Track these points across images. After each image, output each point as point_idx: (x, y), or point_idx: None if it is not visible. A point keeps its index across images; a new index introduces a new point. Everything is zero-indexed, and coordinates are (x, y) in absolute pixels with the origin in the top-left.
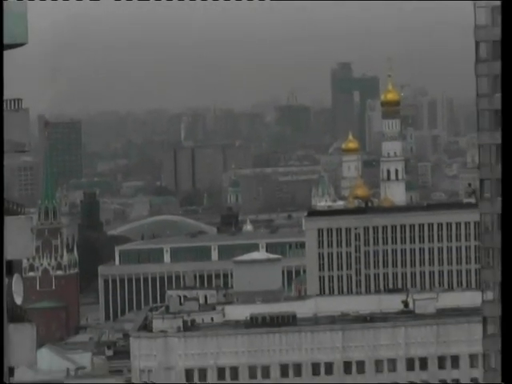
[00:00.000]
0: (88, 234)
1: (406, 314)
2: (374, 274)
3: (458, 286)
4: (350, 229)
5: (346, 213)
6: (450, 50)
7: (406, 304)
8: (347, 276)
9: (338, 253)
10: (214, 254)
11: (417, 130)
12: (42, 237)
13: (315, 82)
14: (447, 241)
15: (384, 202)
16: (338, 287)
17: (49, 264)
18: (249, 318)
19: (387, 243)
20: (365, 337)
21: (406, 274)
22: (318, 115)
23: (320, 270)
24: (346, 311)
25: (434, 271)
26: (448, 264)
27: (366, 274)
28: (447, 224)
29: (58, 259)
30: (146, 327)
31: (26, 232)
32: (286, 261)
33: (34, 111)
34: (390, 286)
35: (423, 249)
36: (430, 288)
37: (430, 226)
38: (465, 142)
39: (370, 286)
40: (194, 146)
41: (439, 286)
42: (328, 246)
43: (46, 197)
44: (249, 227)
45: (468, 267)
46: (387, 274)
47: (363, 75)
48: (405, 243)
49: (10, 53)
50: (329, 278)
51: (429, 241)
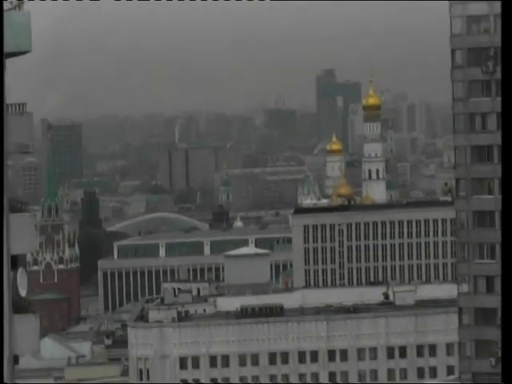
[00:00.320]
0: (88, 230)
1: (387, 305)
2: (357, 268)
3: (435, 278)
4: (333, 225)
5: (330, 210)
6: (427, 57)
7: (386, 296)
8: (331, 270)
9: (322, 248)
10: (207, 249)
11: (396, 133)
12: (45, 233)
13: (301, 87)
14: (425, 236)
15: (366, 200)
16: (323, 280)
17: (51, 258)
18: (239, 309)
19: (369, 239)
20: (348, 327)
21: (386, 267)
22: (303, 119)
23: (306, 264)
24: (330, 303)
25: (412, 265)
26: (426, 258)
27: (348, 268)
28: (425, 220)
29: (60, 254)
30: (143, 318)
31: (30, 228)
32: (274, 255)
33: (38, 115)
34: (372, 279)
35: (402, 244)
36: (409, 281)
37: (409, 222)
38: (441, 143)
39: (352, 279)
40: (187, 147)
41: (417, 278)
42: (313, 242)
43: (48, 195)
44: (239, 224)
45: (444, 261)
46: (369, 267)
47: (346, 81)
48: (385, 239)
49: (13, 59)
50: (314, 271)
51: (408, 236)
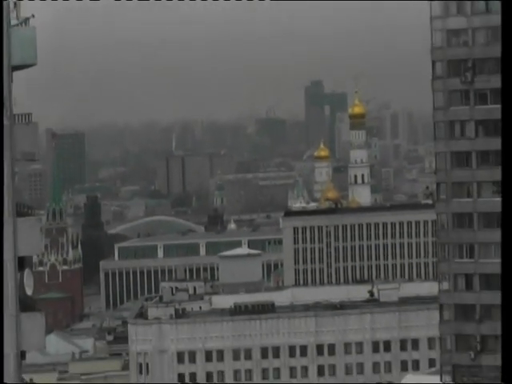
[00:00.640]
0: (90, 232)
1: (372, 302)
2: (344, 267)
3: (417, 277)
4: (321, 227)
5: (318, 213)
6: (409, 68)
7: (371, 293)
8: (320, 269)
9: (311, 248)
10: (202, 250)
11: (380, 140)
12: (50, 235)
13: (291, 97)
14: (407, 237)
15: (352, 203)
16: (312, 279)
17: (56, 259)
18: (233, 307)
19: (355, 239)
20: (335, 322)
21: (371, 266)
22: (293, 127)
23: (295, 264)
24: (318, 300)
25: (396, 264)
26: (408, 258)
27: (336, 267)
28: (407, 222)
29: (64, 255)
30: (142, 315)
31: (36, 231)
32: (266, 256)
33: (42, 124)
34: (358, 277)
35: (386, 244)
36: (393, 279)
37: (393, 224)
38: (423, 149)
39: (339, 277)
40: (183, 154)
41: (401, 277)
42: (302, 243)
43: (53, 200)
44: (232, 226)
45: (426, 260)
46: (355, 266)
47: (333, 91)
48: (370, 240)
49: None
50: (303, 270)
51: (391, 237)
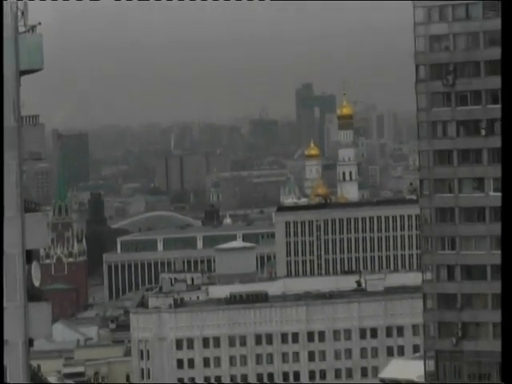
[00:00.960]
0: (94, 227)
1: (359, 291)
2: (333, 259)
3: (402, 268)
4: (312, 221)
5: (309, 208)
6: (394, 71)
7: (359, 283)
8: (310, 260)
9: (302, 241)
10: (199, 243)
11: (367, 139)
12: (56, 230)
13: (282, 99)
14: (393, 231)
15: (340, 199)
16: (303, 270)
17: (62, 252)
18: (228, 296)
19: (343, 233)
20: (325, 311)
21: (359, 258)
22: (285, 127)
23: (287, 256)
24: (309, 290)
25: (382, 256)
26: (394, 250)
27: (325, 259)
28: (393, 217)
29: (70, 249)
30: (143, 304)
31: (43, 226)
32: (259, 248)
33: (49, 126)
34: (346, 268)
35: (373, 237)
36: (379, 270)
37: (379, 218)
38: (407, 148)
39: (329, 268)
40: (182, 153)
41: (386, 268)
42: (294, 236)
43: (59, 197)
44: (228, 220)
45: (410, 252)
46: (343, 258)
47: (322, 93)
48: (358, 233)
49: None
50: (295, 262)
51: (378, 231)
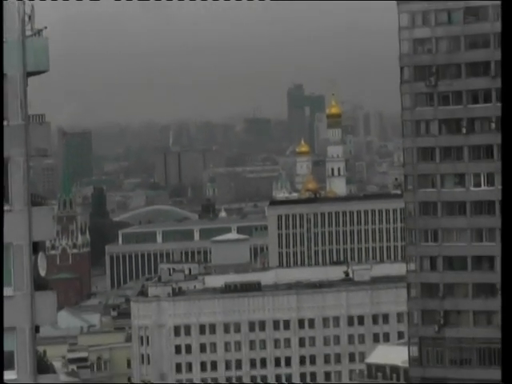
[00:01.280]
0: (97, 220)
1: (347, 281)
2: (322, 250)
3: (387, 259)
4: (302, 214)
5: (300, 202)
6: (380, 72)
7: (346, 273)
8: (301, 252)
9: (293, 233)
10: (196, 236)
11: (354, 137)
12: (61, 223)
13: (275, 99)
14: (379, 223)
15: (329, 194)
16: (294, 261)
17: (66, 244)
18: (223, 286)
19: (332, 225)
20: (314, 299)
21: (346, 249)
22: (277, 126)
23: (279, 247)
24: (299, 279)
25: (368, 247)
26: (379, 242)
27: (315, 250)
28: (379, 210)
29: (74, 240)
30: (143, 293)
31: (49, 219)
32: (253, 240)
33: (54, 124)
34: (334, 259)
35: (360, 230)
36: (366, 261)
37: (366, 212)
38: (392, 145)
39: (318, 259)
40: (180, 150)
41: (373, 259)
42: (285, 228)
43: (63, 191)
44: (223, 214)
45: (395, 244)
46: (332, 249)
47: (312, 94)
48: (346, 225)
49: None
50: (286, 253)
51: (364, 223)
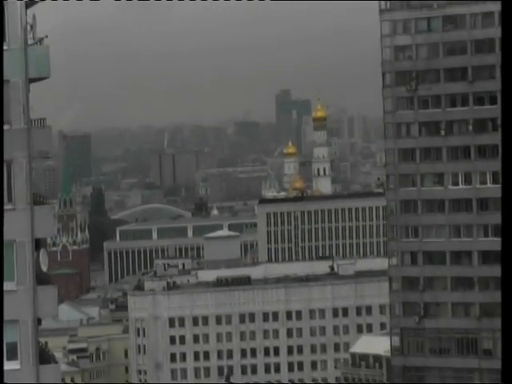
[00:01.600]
0: (96, 218)
1: (332, 275)
2: (308, 246)
3: (370, 254)
4: (290, 212)
5: (287, 201)
6: (363, 78)
7: (332, 268)
8: (288, 248)
9: (281, 230)
10: (190, 232)
11: (339, 139)
12: (62, 221)
13: (264, 104)
14: (362, 220)
15: (315, 192)
16: (282, 256)
17: (67, 241)
18: (215, 280)
19: (318, 223)
20: (301, 292)
21: (332, 245)
22: (265, 129)
23: (268, 243)
24: (287, 274)
25: (352, 243)
26: (363, 238)
27: (302, 246)
28: (362, 208)
29: (74, 237)
30: (140, 287)
31: (50, 217)
32: (243, 237)
33: (55, 127)
34: (320, 254)
35: (345, 226)
36: (350, 256)
37: (350, 209)
38: (375, 147)
39: (305, 254)
40: (174, 152)
41: (356, 254)
42: (274, 226)
43: (64, 191)
44: (215, 212)
45: (378, 240)
46: (318, 245)
47: (299, 98)
48: (331, 222)
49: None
50: (275, 249)
51: (349, 220)
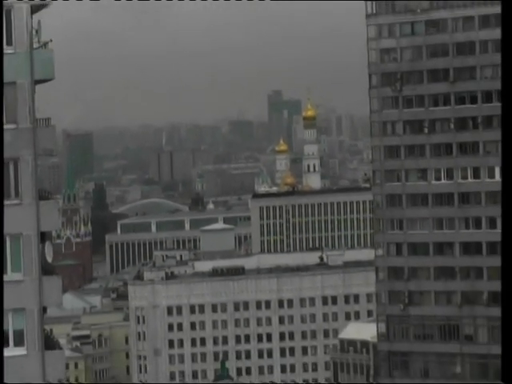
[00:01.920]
0: (98, 212)
1: (322, 265)
2: (299, 238)
3: (358, 245)
4: (282, 206)
5: (279, 195)
6: (351, 80)
7: (321, 258)
8: (280, 239)
9: (273, 223)
10: (187, 225)
11: (328, 137)
12: (66, 215)
13: (257, 103)
14: (350, 214)
15: (305, 188)
16: (274, 247)
17: (70, 234)
18: (211, 270)
19: (308, 216)
20: (293, 282)
21: (321, 237)
22: (258, 127)
23: (261, 236)
24: (279, 264)
25: (341, 235)
26: (351, 230)
27: (293, 238)
28: (350, 202)
29: (77, 230)
30: (139, 277)
31: (55, 211)
32: (238, 229)
33: (59, 127)
34: (310, 245)
35: (333, 219)
36: (338, 247)
37: (338, 203)
38: (362, 144)
39: (296, 246)
40: (172, 149)
41: (345, 245)
42: (267, 219)
43: (68, 187)
44: (211, 206)
45: (365, 232)
46: (308, 237)
47: (290, 99)
48: (320, 216)
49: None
50: (267, 241)
51: (337, 214)
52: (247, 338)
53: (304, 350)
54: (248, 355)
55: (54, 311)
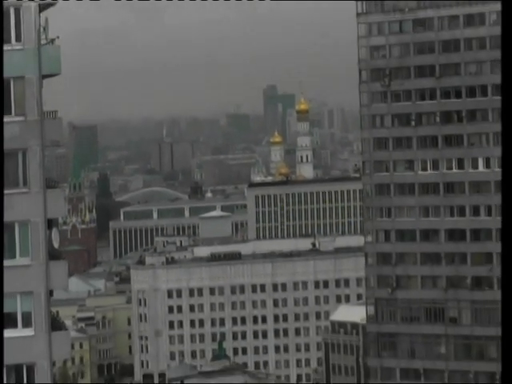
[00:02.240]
0: (102, 200)
1: (314, 251)
2: (293, 225)
3: (348, 232)
4: (276, 195)
5: (274, 184)
6: (342, 75)
7: (313, 244)
8: (275, 226)
9: (268, 211)
10: (187, 213)
11: (320, 129)
12: (72, 203)
13: (252, 98)
14: (341, 202)
15: (299, 177)
16: (269, 234)
17: (76, 220)
18: (209, 255)
19: (301, 204)
20: (286, 267)
21: (314, 224)
22: (254, 120)
23: (257, 223)
24: (274, 250)
25: (332, 222)
26: (342, 217)
27: (287, 225)
28: (341, 191)
29: (82, 217)
30: (141, 262)
31: (61, 199)
32: (234, 217)
33: (65, 119)
34: (303, 232)
35: (325, 208)
36: (330, 233)
37: (330, 192)
38: (352, 136)
39: (290, 232)
40: (172, 141)
41: (336, 232)
42: (262, 207)
43: (73, 176)
44: (209, 195)
45: (355, 219)
46: (301, 224)
47: (284, 93)
48: (313, 204)
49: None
50: (263, 228)
51: (329, 202)
52: (243, 320)
53: (297, 331)
54: (244, 336)
55: (60, 294)
